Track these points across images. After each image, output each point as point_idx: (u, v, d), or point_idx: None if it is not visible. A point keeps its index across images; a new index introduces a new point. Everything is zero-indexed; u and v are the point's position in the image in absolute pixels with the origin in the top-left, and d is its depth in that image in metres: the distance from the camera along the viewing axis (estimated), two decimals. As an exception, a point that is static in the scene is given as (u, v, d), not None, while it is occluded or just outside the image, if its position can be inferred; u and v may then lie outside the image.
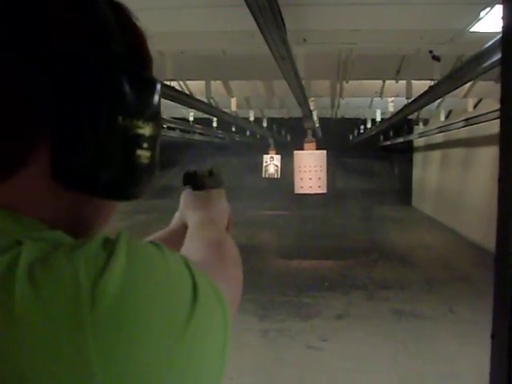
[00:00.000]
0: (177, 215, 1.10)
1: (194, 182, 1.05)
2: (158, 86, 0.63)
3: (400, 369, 4.91)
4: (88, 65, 0.56)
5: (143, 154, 0.61)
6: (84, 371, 0.48)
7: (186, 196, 1.06)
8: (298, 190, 8.19)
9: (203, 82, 7.60)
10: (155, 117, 0.62)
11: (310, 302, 6.93)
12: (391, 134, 16.63)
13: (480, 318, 5.45)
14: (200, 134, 14.94)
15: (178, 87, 7.18)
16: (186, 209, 1.04)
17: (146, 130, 0.61)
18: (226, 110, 9.29)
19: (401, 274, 8.55)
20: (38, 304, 0.48)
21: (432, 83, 5.44)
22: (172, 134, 13.90)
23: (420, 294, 7.31)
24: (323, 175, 8.04)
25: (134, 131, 0.59)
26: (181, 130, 13.87)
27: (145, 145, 0.61)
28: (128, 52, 0.61)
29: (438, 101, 9.05)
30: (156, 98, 0.62)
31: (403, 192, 18.88)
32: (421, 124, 13.62)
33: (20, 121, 0.56)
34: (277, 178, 12.60)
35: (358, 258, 9.68)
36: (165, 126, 12.42)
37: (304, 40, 4.13)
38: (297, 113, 8.41)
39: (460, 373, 4.81)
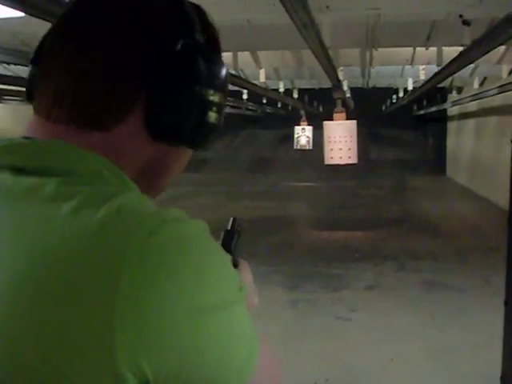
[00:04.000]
0: None
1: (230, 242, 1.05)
2: (225, 67, 0.81)
3: (428, 340, 4.87)
4: (179, 47, 0.75)
5: (212, 115, 0.78)
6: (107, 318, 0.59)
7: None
8: (328, 161, 8.11)
9: (231, 54, 7.53)
10: (223, 89, 0.80)
11: (340, 273, 6.91)
12: (424, 103, 16.34)
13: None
14: (231, 106, 14.89)
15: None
16: None
17: (215, 97, 0.78)
18: (255, 82, 9.21)
19: (433, 244, 8.46)
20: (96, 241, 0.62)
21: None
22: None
23: (453, 265, 7.23)
24: (353, 145, 7.95)
25: (207, 97, 0.77)
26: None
27: (214, 108, 0.78)
28: (206, 41, 0.79)
29: (472, 68, 8.85)
30: (224, 75, 0.80)
31: (437, 162, 18.61)
32: (454, 92, 13.34)
33: (128, 84, 0.74)
34: (309, 150, 12.51)
35: (390, 229, 9.61)
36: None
37: (327, 7, 4.04)
38: (328, 83, 8.28)
39: (493, 343, 4.74)
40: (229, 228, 1.07)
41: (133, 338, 0.59)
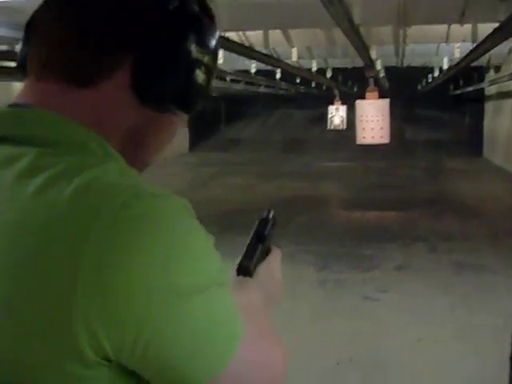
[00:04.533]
0: None
1: (249, 274, 0.95)
2: (216, 31, 0.80)
3: (457, 322, 4.81)
4: (171, 8, 0.74)
5: (200, 75, 0.76)
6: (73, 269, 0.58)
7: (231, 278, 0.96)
8: (360, 141, 8.04)
9: (261, 32, 7.48)
10: (212, 52, 0.78)
11: (371, 254, 6.86)
12: (461, 83, 16.05)
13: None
14: (264, 86, 14.83)
15: (236, 39, 7.12)
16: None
17: (204, 57, 0.76)
18: (287, 61, 9.14)
19: (466, 226, 8.34)
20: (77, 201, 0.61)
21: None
22: (236, 86, 13.86)
23: (485, 247, 7.11)
24: (386, 125, 7.85)
25: (195, 56, 0.75)
26: (245, 83, 13.80)
27: (202, 68, 0.76)
28: (199, 9, 0.78)
29: (510, 46, 8.65)
30: (214, 38, 0.79)
31: (474, 142, 18.29)
32: (492, 71, 13.07)
33: (116, 39, 0.71)
34: (342, 129, 12.40)
35: (423, 210, 9.49)
36: (227, 78, 12.39)
37: (355, -18, 3.98)
38: (361, 62, 8.19)
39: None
40: (264, 217, 1.04)
41: (93, 309, 0.57)
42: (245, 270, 0.95)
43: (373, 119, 7.74)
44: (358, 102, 7.79)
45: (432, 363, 4.04)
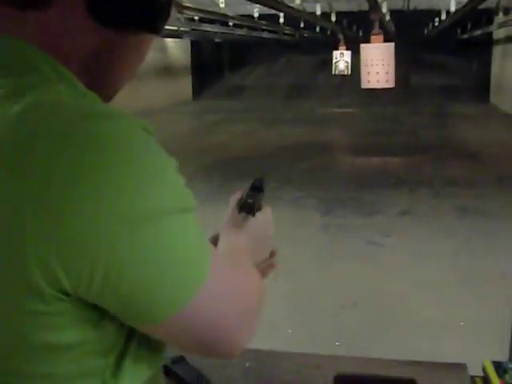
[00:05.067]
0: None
1: (252, 212, 0.96)
2: None
3: (461, 266, 4.82)
4: None
5: None
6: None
7: (230, 216, 0.97)
8: (365, 85, 7.91)
9: (264, -26, 7.29)
10: None
11: (374, 199, 6.85)
12: (469, 26, 15.74)
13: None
14: (268, 31, 14.58)
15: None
16: (225, 228, 0.95)
17: None
18: (291, 5, 8.95)
19: (471, 171, 8.30)
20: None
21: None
22: (239, 32, 13.64)
23: (489, 192, 7.08)
24: (391, 69, 7.72)
25: None
26: (248, 28, 13.57)
27: None
28: None
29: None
30: None
31: (481, 88, 18.07)
32: (501, 14, 12.78)
33: None
34: (347, 75, 12.24)
35: (427, 155, 9.44)
36: (231, 23, 12.18)
37: None
38: (367, 5, 8.00)
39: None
40: (257, 180, 1.01)
41: (44, 242, 0.54)
42: (249, 207, 0.96)
43: (378, 63, 7.61)
44: (363, 46, 7.64)
45: (433, 307, 4.07)
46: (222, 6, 8.24)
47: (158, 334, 0.64)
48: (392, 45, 7.67)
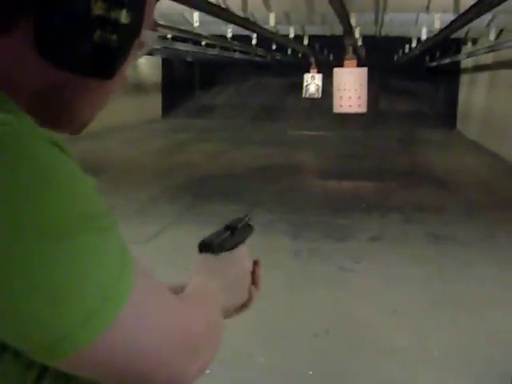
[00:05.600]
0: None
1: (211, 249, 0.94)
2: None
3: (432, 292, 4.81)
4: None
5: (107, 36, 0.64)
6: None
7: (195, 261, 0.95)
8: (337, 109, 7.95)
9: (240, -5, 7.30)
10: (130, 5, 0.65)
11: (345, 224, 6.83)
12: (437, 54, 16.00)
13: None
14: (240, 51, 14.62)
15: (214, 1, 6.93)
16: (192, 274, 0.92)
17: (113, 14, 0.64)
18: (265, 26, 8.97)
19: (440, 197, 8.36)
20: None
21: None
22: (211, 51, 13.65)
23: (458, 219, 7.13)
24: (363, 94, 7.77)
25: (99, 13, 0.63)
26: (220, 48, 13.59)
27: (109, 27, 0.64)
28: None
29: (489, 19, 8.58)
30: None
31: (448, 115, 18.34)
32: (469, 44, 13.03)
33: None
34: (318, 98, 12.32)
35: (397, 181, 9.50)
36: (203, 43, 12.17)
37: None
38: (339, 30, 8.06)
39: (498, 297, 4.69)
40: (240, 217, 1.03)
41: None
42: (207, 246, 0.94)
43: (350, 88, 7.66)
44: (336, 70, 7.68)
45: (408, 334, 4.03)
46: (196, 25, 8.20)
47: (76, 368, 0.57)
48: (365, 70, 7.73)
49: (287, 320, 4.25)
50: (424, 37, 10.58)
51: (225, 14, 6.26)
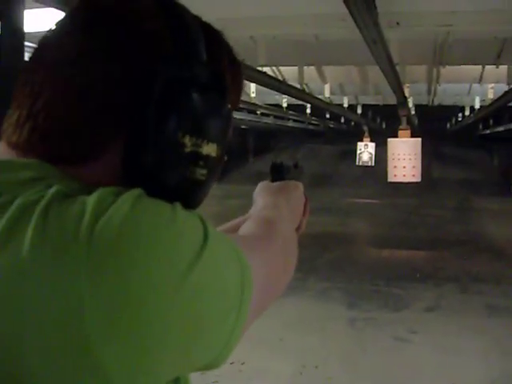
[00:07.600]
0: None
1: (281, 173, 1.06)
2: (228, 112, 0.67)
3: (491, 366, 4.72)
4: (165, 81, 0.61)
5: (198, 171, 0.64)
6: (75, 299, 0.50)
7: (260, 185, 1.04)
8: (392, 179, 8.05)
9: (296, 68, 7.55)
10: (218, 139, 0.66)
11: (400, 293, 6.79)
12: (491, 122, 15.97)
13: None
14: (294, 120, 14.90)
15: (271, 73, 7.18)
16: (257, 196, 1.01)
17: (205, 149, 0.64)
18: (319, 97, 9.20)
19: (497, 268, 8.22)
20: (43, 234, 0.52)
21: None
22: (266, 120, 13.94)
23: (517, 290, 7.00)
24: (417, 163, 7.85)
25: (192, 149, 0.63)
26: (274, 117, 13.88)
27: (201, 162, 0.64)
28: (208, 78, 0.64)
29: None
30: (222, 123, 0.66)
31: (503, 183, 18.13)
32: (524, 112, 13.00)
33: (102, 119, 0.61)
34: (371, 166, 12.42)
35: (452, 250, 9.39)
36: (258, 112, 12.49)
37: (397, 23, 3.99)
38: (392, 99, 8.22)
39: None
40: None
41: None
42: (279, 166, 1.06)
43: (405, 157, 7.76)
44: (391, 140, 7.81)
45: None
46: (252, 95, 8.47)
47: None
48: (419, 140, 7.83)
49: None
50: (477, 106, 10.64)
51: (284, 88, 6.46)
